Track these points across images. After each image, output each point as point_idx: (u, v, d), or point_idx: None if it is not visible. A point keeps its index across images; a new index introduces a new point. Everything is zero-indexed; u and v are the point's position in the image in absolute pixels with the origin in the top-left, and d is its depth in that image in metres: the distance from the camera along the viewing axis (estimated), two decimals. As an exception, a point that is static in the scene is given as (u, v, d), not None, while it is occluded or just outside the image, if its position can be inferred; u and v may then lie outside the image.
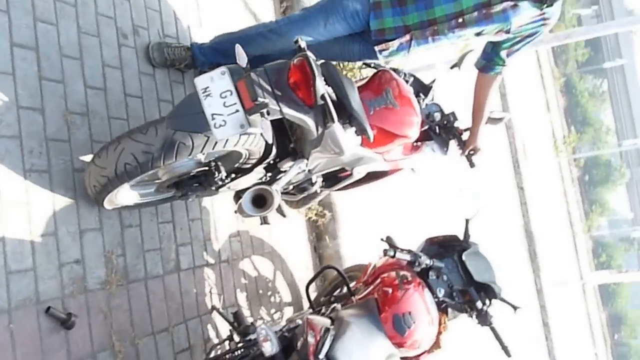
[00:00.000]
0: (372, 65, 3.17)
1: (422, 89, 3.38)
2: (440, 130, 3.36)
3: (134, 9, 3.14)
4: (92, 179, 2.39)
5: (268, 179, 2.84)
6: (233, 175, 2.73)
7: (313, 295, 3.71)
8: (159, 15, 3.32)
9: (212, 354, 2.89)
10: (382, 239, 2.90)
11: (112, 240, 2.73)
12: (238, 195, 3.14)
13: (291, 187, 3.14)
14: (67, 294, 2.48)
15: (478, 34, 2.87)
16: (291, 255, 4.09)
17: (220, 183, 2.62)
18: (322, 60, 2.61)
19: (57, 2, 2.70)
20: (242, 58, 2.19)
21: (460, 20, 2.78)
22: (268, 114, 2.20)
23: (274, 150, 2.66)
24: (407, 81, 3.15)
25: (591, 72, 29.13)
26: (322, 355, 2.18)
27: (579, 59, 27.54)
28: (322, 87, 2.21)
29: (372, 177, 3.34)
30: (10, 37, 2.47)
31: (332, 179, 3.35)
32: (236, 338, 2.90)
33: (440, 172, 5.43)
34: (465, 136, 3.30)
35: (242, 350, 2.63)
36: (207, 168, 2.60)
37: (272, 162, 2.77)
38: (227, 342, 2.81)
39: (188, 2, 3.59)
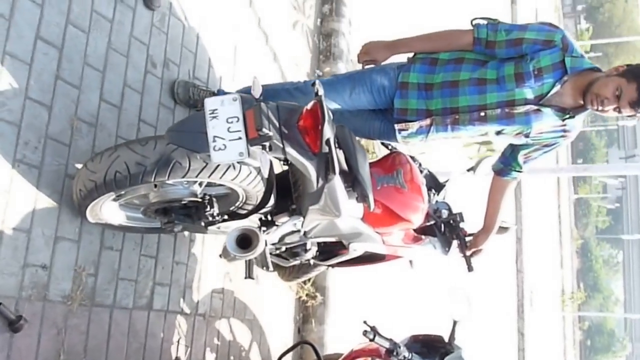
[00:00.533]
0: (390, 147, 3.13)
1: (434, 185, 3.35)
2: (445, 229, 3.28)
3: (170, 43, 3.16)
4: (80, 182, 2.30)
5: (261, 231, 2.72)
6: (225, 217, 2.64)
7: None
8: (193, 57, 3.34)
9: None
10: (364, 322, 2.75)
11: (86, 257, 2.61)
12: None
13: (284, 248, 3.02)
14: (23, 296, 2.33)
15: (498, 133, 2.82)
16: (273, 330, 3.90)
17: (210, 219, 2.51)
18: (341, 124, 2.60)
19: (94, 13, 2.72)
20: (257, 90, 2.14)
21: (482, 114, 2.74)
22: (270, 149, 2.13)
23: (272, 201, 2.58)
24: (421, 171, 3.11)
25: (609, 241, 29.08)
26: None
27: (599, 225, 27.60)
28: (329, 132, 2.15)
29: (368, 259, 3.23)
30: (38, 29, 2.47)
31: (327, 253, 3.24)
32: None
33: (437, 267, 5.27)
34: (469, 240, 3.23)
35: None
36: (200, 200, 2.51)
37: (268, 214, 2.68)
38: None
39: (226, 54, 3.64)
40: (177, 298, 3.10)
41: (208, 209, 2.48)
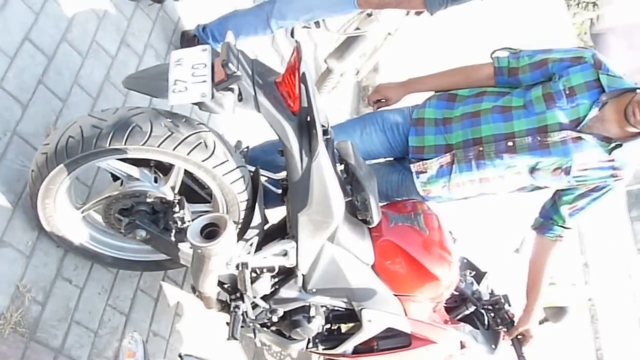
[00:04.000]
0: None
1: (474, 274, 2.88)
2: (488, 318, 2.73)
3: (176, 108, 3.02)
4: (33, 163, 2.01)
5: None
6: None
7: None
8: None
9: None
10: None
11: (35, 279, 2.20)
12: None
13: (281, 311, 2.49)
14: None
15: (532, 170, 2.41)
16: None
17: (179, 224, 2.12)
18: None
19: (95, 43, 2.65)
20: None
21: (510, 143, 2.37)
22: (241, 99, 1.84)
23: (259, 218, 2.19)
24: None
25: None
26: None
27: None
28: (306, 68, 1.84)
29: (389, 346, 2.64)
30: (28, 32, 2.38)
31: (333, 338, 2.68)
32: None
33: None
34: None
35: None
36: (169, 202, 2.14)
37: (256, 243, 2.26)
38: None
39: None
40: (149, 375, 2.55)
41: (177, 209, 2.11)
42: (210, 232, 1.89)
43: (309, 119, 1.89)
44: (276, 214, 2.41)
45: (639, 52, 12.72)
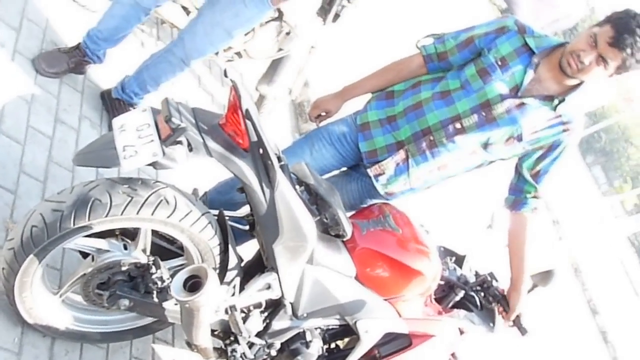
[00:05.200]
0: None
1: (452, 256, 2.91)
2: (480, 299, 2.76)
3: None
4: (1, 261, 2.00)
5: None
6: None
7: None
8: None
9: None
10: None
11: (30, 374, 2.19)
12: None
13: (278, 344, 2.50)
14: None
15: (486, 146, 2.49)
16: None
17: (159, 284, 2.13)
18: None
19: (30, 129, 2.64)
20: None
21: (457, 125, 2.45)
22: (191, 149, 1.87)
23: (235, 260, 2.21)
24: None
25: None
26: None
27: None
28: (248, 103, 1.88)
29: (391, 351, 2.65)
30: (-37, 134, 2.37)
31: (335, 357, 2.69)
32: None
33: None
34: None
35: None
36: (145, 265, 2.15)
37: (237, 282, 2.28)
38: None
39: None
40: None
41: (154, 270, 2.11)
42: (193, 284, 1.91)
43: (261, 151, 1.92)
44: (246, 250, 2.43)
45: (551, 5, 13.15)
